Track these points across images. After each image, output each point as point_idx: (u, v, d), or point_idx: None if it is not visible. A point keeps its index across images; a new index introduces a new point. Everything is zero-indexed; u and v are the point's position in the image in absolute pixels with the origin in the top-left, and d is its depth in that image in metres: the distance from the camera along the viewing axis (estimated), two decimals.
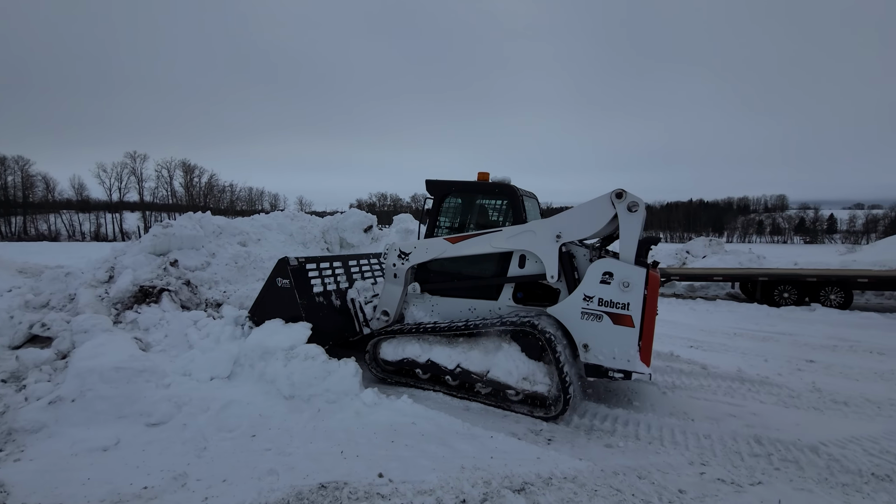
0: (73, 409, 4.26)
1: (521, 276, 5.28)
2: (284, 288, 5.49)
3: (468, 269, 5.59)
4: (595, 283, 4.74)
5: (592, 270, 4.76)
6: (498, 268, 5.41)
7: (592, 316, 4.75)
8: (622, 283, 4.63)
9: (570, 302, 4.86)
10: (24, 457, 3.76)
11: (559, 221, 5.02)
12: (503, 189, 5.47)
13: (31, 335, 6.02)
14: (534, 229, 5.10)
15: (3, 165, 63.20)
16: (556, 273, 5.00)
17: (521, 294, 5.43)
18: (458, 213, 5.76)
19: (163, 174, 74.25)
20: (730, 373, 6.13)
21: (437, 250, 5.50)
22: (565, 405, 4.62)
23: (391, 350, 5.59)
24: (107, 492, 3.31)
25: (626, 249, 4.75)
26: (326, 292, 5.87)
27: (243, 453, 3.83)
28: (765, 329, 9.18)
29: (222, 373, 5.05)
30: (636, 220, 4.69)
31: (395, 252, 5.73)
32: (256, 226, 10.57)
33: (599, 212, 4.82)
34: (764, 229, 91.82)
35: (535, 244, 5.10)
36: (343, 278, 6.24)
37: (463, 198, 5.77)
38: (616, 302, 4.67)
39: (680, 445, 4.21)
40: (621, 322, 4.65)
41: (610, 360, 4.70)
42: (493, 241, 5.26)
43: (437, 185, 5.72)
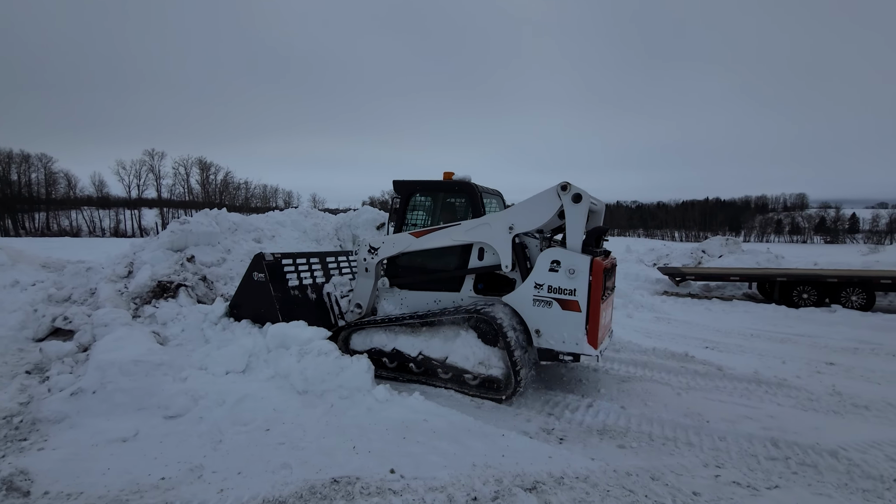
0: (94, 400, 4.37)
1: (480, 267, 5.56)
2: (260, 282, 5.88)
3: (433, 263, 5.89)
4: (544, 272, 5.00)
5: (542, 259, 5.03)
6: (459, 261, 5.69)
7: (543, 302, 5.03)
8: (569, 271, 4.90)
9: (523, 290, 5.13)
10: (47, 446, 3.87)
11: (511, 214, 5.28)
12: (463, 187, 5.79)
13: (54, 328, 6.18)
14: (489, 222, 5.38)
15: (27, 163, 64.94)
16: (510, 263, 5.29)
17: (481, 285, 5.71)
18: (423, 210, 6.13)
19: (180, 171, 75.55)
20: (746, 374, 6.02)
21: (404, 244, 5.81)
22: (515, 387, 4.95)
23: (360, 340, 5.88)
24: (126, 482, 3.39)
25: (572, 238, 5.01)
26: (302, 286, 6.26)
27: (257, 447, 3.89)
28: (783, 330, 8.99)
29: (237, 367, 5.13)
30: (580, 211, 4.94)
31: (366, 247, 6.07)
32: (271, 222, 10.72)
33: (546, 203, 5.09)
34: (783, 229, 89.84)
35: (490, 236, 5.37)
36: (320, 273, 6.61)
37: (427, 196, 6.12)
38: (564, 288, 4.94)
39: (694, 447, 4.15)
40: (569, 307, 4.92)
41: (560, 344, 4.99)
42: (453, 234, 5.55)
43: (403, 184, 6.06)
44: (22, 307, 6.37)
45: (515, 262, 5.30)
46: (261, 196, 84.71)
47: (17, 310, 6.32)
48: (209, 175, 77.74)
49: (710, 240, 19.15)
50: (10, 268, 8.17)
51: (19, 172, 64.53)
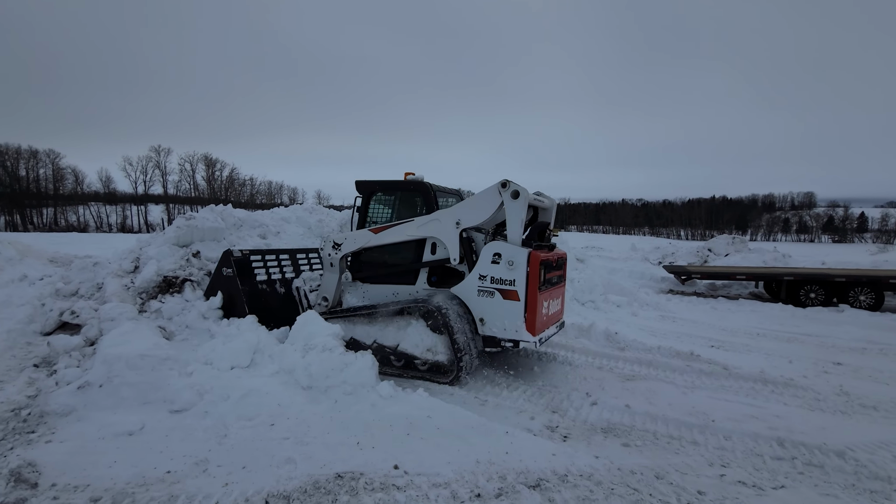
0: (101, 394, 4.40)
1: (432, 261, 5.98)
2: (228, 276, 6.33)
3: (391, 258, 6.32)
4: (487, 264, 5.42)
5: (485, 252, 5.45)
6: (414, 255, 6.12)
7: (486, 293, 5.45)
8: (508, 262, 5.29)
9: (469, 281, 5.56)
10: (54, 439, 3.91)
11: (458, 210, 5.66)
12: (417, 186, 6.19)
13: (62, 322, 6.23)
14: (438, 218, 5.76)
15: (35, 159, 65.43)
16: (458, 256, 5.69)
17: (434, 278, 6.07)
18: (383, 208, 6.56)
19: (186, 168, 75.85)
20: (752, 374, 5.98)
21: (364, 240, 6.23)
22: (458, 372, 5.30)
23: None
24: (132, 475, 3.41)
25: (512, 232, 5.37)
26: (270, 281, 6.71)
27: (262, 441, 3.90)
28: (790, 330, 8.92)
29: (242, 362, 5.15)
30: (519, 207, 5.30)
31: (330, 243, 6.48)
32: (276, 219, 10.73)
33: (489, 200, 5.46)
34: (790, 227, 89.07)
35: (439, 231, 5.76)
36: (290, 269, 7.04)
37: (386, 195, 6.52)
38: (504, 279, 5.34)
39: (700, 446, 4.13)
40: (509, 297, 5.33)
41: (501, 331, 5.42)
42: (407, 230, 5.96)
43: (364, 184, 6.47)
44: (30, 301, 6.43)
45: (463, 255, 5.68)
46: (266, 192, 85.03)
47: (26, 304, 6.38)
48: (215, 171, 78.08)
49: (717, 238, 19.02)
50: (18, 262, 8.24)
51: (27, 168, 65.08)
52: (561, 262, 6.31)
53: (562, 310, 6.65)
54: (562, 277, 6.46)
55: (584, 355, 6.73)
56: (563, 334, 7.73)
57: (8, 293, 6.70)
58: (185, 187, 76.49)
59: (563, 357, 6.61)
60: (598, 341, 7.40)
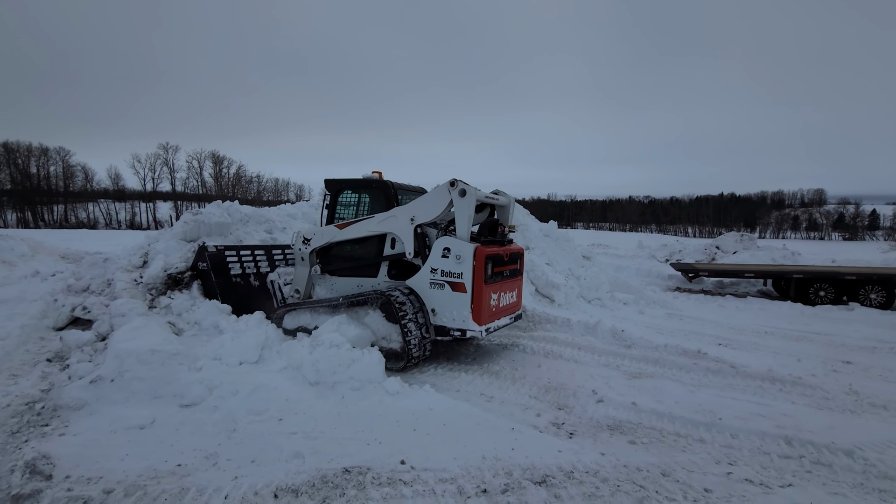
0: (112, 388, 4.47)
1: (391, 255, 6.35)
2: (204, 270, 6.70)
3: (356, 252, 6.75)
4: (438, 258, 5.76)
5: (436, 247, 5.79)
6: (376, 250, 6.51)
7: (437, 285, 5.80)
8: (456, 256, 5.63)
9: (422, 274, 5.90)
10: (68, 432, 3.98)
11: (412, 207, 6.01)
12: (379, 184, 6.61)
13: (74, 317, 6.32)
14: (395, 214, 6.13)
15: (46, 156, 66.19)
16: (413, 250, 6.03)
17: (394, 272, 6.46)
18: (349, 205, 6.93)
19: (193, 165, 76.47)
20: (760, 372, 5.94)
21: (330, 235, 6.64)
22: (408, 360, 5.61)
23: (290, 320, 6.49)
24: (144, 468, 3.47)
25: (460, 228, 5.76)
26: (245, 275, 7.09)
27: (271, 436, 3.95)
28: (798, 328, 8.85)
29: (251, 358, 5.20)
30: (467, 204, 5.66)
31: (301, 238, 6.86)
32: (282, 215, 10.80)
33: (439, 198, 5.81)
34: (800, 225, 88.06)
35: (396, 226, 6.12)
36: (265, 264, 7.44)
37: (352, 192, 6.90)
38: (453, 272, 5.68)
39: (707, 444, 4.12)
40: (457, 289, 5.68)
41: (451, 321, 5.76)
42: (369, 225, 6.34)
43: (332, 182, 6.91)
44: (42, 297, 6.53)
45: (418, 249, 6.01)
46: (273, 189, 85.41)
47: (38, 299, 6.48)
48: (222, 168, 78.56)
49: (725, 236, 18.86)
50: (30, 258, 8.36)
51: (38, 165, 65.86)
52: (515, 257, 6.62)
53: (518, 302, 6.99)
54: (516, 271, 6.76)
55: (590, 353, 6.73)
56: (568, 331, 7.72)
57: (21, 289, 6.80)
58: (193, 184, 77.16)
59: (570, 354, 6.60)
60: (605, 339, 7.38)
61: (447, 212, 5.88)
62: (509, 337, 7.45)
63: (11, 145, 62.55)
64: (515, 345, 7.04)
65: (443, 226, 6.38)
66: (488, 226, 6.27)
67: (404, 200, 6.52)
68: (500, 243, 6.26)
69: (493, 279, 5.94)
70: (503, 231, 6.46)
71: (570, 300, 9.82)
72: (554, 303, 9.62)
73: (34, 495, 3.13)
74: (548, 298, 9.79)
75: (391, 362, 5.69)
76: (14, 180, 62.87)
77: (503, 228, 6.46)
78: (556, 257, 11.36)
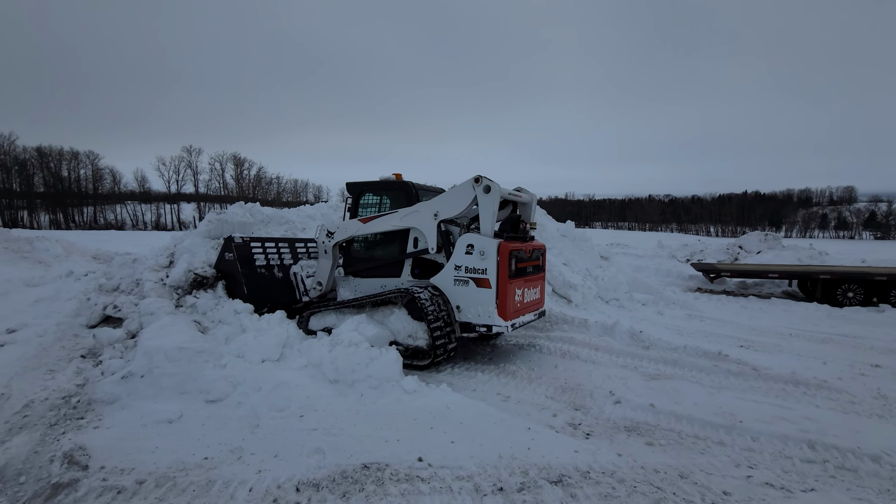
0: (142, 384, 4.66)
1: (414, 252, 6.43)
2: (230, 260, 6.86)
3: (378, 253, 6.91)
4: (462, 254, 5.82)
5: (459, 243, 5.86)
6: (399, 248, 6.61)
7: (461, 282, 5.85)
8: (480, 253, 5.68)
9: (446, 271, 5.97)
10: (101, 425, 4.18)
11: (436, 203, 6.09)
12: (400, 185, 6.73)
13: (105, 315, 6.59)
14: (419, 209, 6.22)
15: (76, 160, 68.64)
16: (435, 245, 6.11)
17: (417, 270, 6.52)
18: (370, 207, 7.08)
19: (216, 167, 78.29)
20: (783, 375, 5.82)
21: (354, 229, 6.76)
22: (435, 356, 5.66)
23: (316, 322, 6.64)
24: (173, 460, 3.62)
25: (484, 224, 5.79)
26: (269, 266, 7.24)
27: (292, 432, 4.07)
28: (825, 330, 8.61)
29: (272, 356, 5.35)
30: (491, 200, 5.70)
31: (324, 232, 7.00)
32: (302, 216, 11.04)
33: (463, 194, 5.86)
34: (828, 224, 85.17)
35: (419, 221, 6.21)
36: (288, 256, 7.60)
37: (373, 194, 7.05)
38: (477, 268, 5.73)
39: (726, 446, 4.07)
40: (482, 285, 5.72)
41: (476, 317, 5.81)
42: (392, 220, 6.43)
43: (354, 185, 7.07)
44: (76, 296, 6.82)
45: (441, 245, 6.11)
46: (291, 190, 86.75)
47: (73, 298, 6.78)
48: (243, 170, 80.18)
49: (748, 235, 18.42)
50: (64, 259, 8.74)
51: (69, 169, 68.32)
52: (537, 254, 6.66)
53: (541, 298, 7.00)
54: (539, 268, 6.80)
55: (607, 354, 6.69)
56: (586, 332, 7.69)
57: (56, 288, 7.12)
58: (215, 186, 78.96)
59: (587, 355, 6.58)
60: (623, 340, 7.33)
61: (471, 208, 5.92)
62: (526, 337, 7.46)
63: (45, 150, 65.13)
64: (532, 345, 7.05)
65: (465, 223, 6.44)
66: (511, 222, 6.31)
67: (425, 200, 6.56)
68: (522, 239, 6.30)
69: (517, 275, 5.98)
70: (525, 227, 6.49)
71: (588, 300, 9.76)
72: (571, 303, 9.58)
73: (72, 484, 3.30)
74: (565, 299, 9.75)
75: (417, 359, 5.82)
76: (47, 183, 65.42)
77: (525, 225, 6.50)
78: (573, 257, 11.30)
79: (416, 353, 5.86)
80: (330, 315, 6.54)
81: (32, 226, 58.79)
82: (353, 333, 5.38)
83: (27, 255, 9.15)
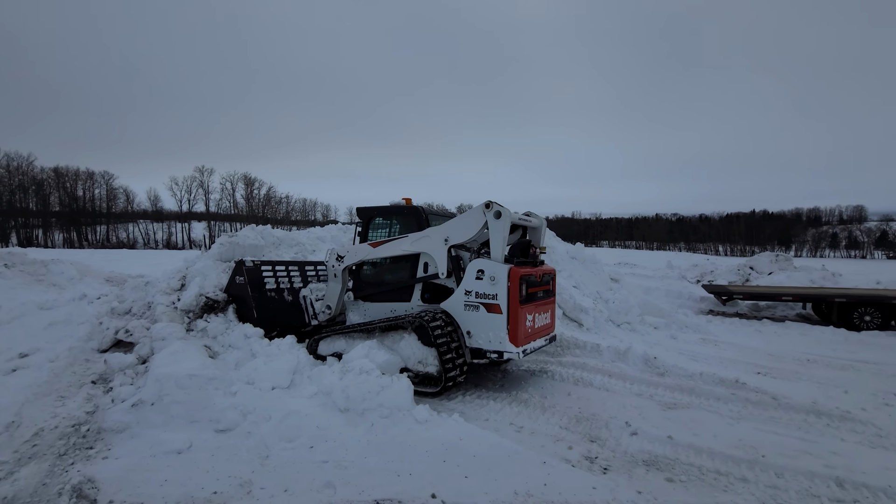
0: (152, 412, 4.62)
1: (425, 277, 6.39)
2: (241, 284, 6.90)
3: (388, 277, 6.86)
4: (472, 280, 5.78)
5: (469, 269, 5.82)
6: (409, 273, 6.56)
7: (472, 307, 5.80)
8: (490, 278, 5.64)
9: (456, 297, 5.92)
10: (110, 455, 4.13)
11: (446, 228, 6.08)
12: (410, 210, 6.73)
13: (116, 339, 6.60)
14: (429, 234, 6.21)
15: (91, 180, 70.12)
16: (446, 270, 6.10)
17: (427, 295, 6.47)
18: (381, 230, 7.13)
19: (227, 187, 79.54)
20: (804, 405, 5.65)
21: (363, 253, 6.79)
22: (445, 383, 5.55)
23: (325, 346, 6.60)
24: (182, 494, 3.56)
25: (495, 249, 5.79)
26: (279, 289, 7.23)
27: (302, 464, 4.00)
28: (843, 356, 8.39)
29: (282, 383, 5.30)
30: (502, 226, 5.70)
31: (334, 255, 7.04)
32: (311, 238, 11.12)
33: (474, 219, 5.88)
34: (839, 243, 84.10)
35: (429, 246, 6.19)
36: (298, 279, 7.60)
37: (384, 219, 7.10)
38: (488, 294, 5.68)
39: (749, 483, 3.93)
40: (493, 310, 5.67)
41: (487, 343, 5.74)
42: (402, 244, 6.41)
43: (364, 210, 7.13)
44: (88, 319, 6.85)
45: (451, 270, 6.07)
46: (300, 210, 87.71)
47: (85, 322, 6.80)
48: (253, 190, 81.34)
49: (759, 255, 18.20)
50: (78, 282, 8.81)
51: (84, 188, 69.76)
52: (548, 278, 6.60)
53: (552, 323, 6.88)
54: (549, 292, 6.72)
55: (621, 381, 6.56)
56: (598, 357, 7.56)
57: (69, 311, 7.16)
58: (226, 205, 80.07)
59: (600, 382, 6.45)
60: (636, 366, 7.19)
61: (481, 233, 5.92)
62: (537, 363, 7.35)
63: (61, 170, 66.67)
64: (544, 371, 6.94)
65: (475, 248, 6.43)
66: (520, 247, 6.29)
67: (435, 225, 6.57)
68: (532, 264, 6.28)
69: (527, 300, 5.92)
70: (535, 252, 6.48)
71: (599, 324, 9.63)
72: (582, 327, 9.46)
73: None
74: (576, 322, 9.64)
75: (427, 386, 5.74)
76: (62, 203, 66.69)
77: (535, 249, 6.49)
78: (583, 280, 11.22)
79: (426, 380, 5.79)
80: (339, 340, 6.52)
81: (46, 244, 59.78)
82: (363, 360, 5.33)
83: (42, 277, 9.26)
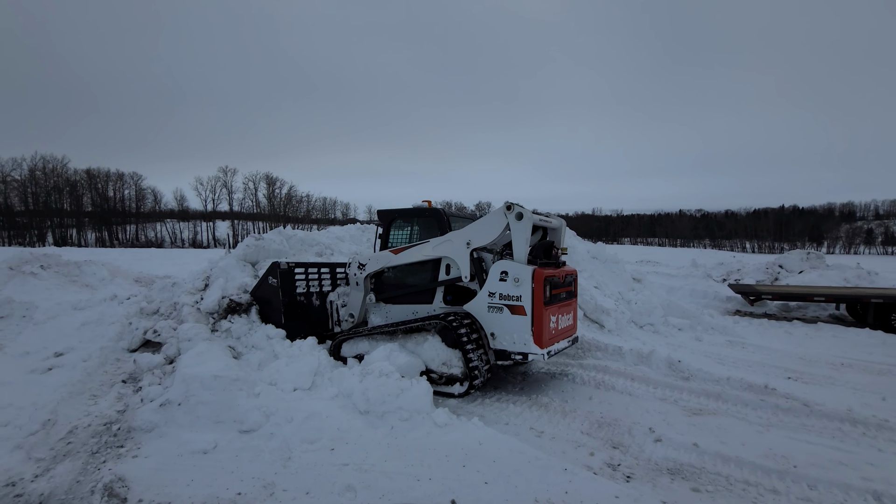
0: (180, 412, 4.75)
1: (447, 280, 6.36)
2: (273, 286, 6.79)
3: (410, 280, 6.82)
4: (496, 281, 5.77)
5: (493, 270, 5.83)
6: (431, 276, 6.52)
7: (496, 309, 5.78)
8: (514, 279, 5.63)
9: (479, 298, 5.92)
10: (140, 454, 4.26)
11: (468, 231, 6.05)
12: (431, 212, 6.72)
13: (145, 339, 6.80)
14: (451, 238, 6.17)
15: (121, 181, 72.54)
16: (469, 274, 6.07)
17: (450, 297, 6.49)
18: (402, 234, 7.13)
19: (249, 186, 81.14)
20: (839, 412, 5.43)
21: (385, 260, 6.76)
22: (470, 385, 5.59)
23: (348, 348, 6.65)
24: (207, 494, 3.65)
25: (518, 251, 5.75)
26: (309, 293, 7.14)
27: (324, 466, 4.04)
28: (881, 360, 8.03)
29: (304, 384, 5.37)
30: (524, 227, 5.68)
31: (356, 264, 7.03)
32: (331, 237, 11.27)
33: (495, 222, 5.85)
34: (874, 239, 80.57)
35: (452, 251, 6.16)
36: (328, 282, 7.44)
37: (404, 221, 7.09)
38: (512, 295, 5.66)
39: (780, 495, 3.80)
40: (517, 312, 5.65)
41: (511, 345, 5.72)
42: (424, 250, 6.39)
43: (384, 213, 7.12)
44: (119, 320, 7.07)
45: (474, 273, 6.04)
46: (320, 208, 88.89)
47: (115, 322, 7.02)
48: (275, 189, 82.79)
49: (789, 253, 17.58)
50: (109, 282, 9.12)
51: (115, 189, 72.21)
52: (570, 279, 6.57)
53: (574, 325, 6.82)
54: (571, 293, 6.66)
55: (644, 385, 6.43)
56: (620, 360, 7.43)
57: (101, 311, 7.40)
58: (248, 204, 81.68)
59: (622, 386, 6.34)
60: (660, 369, 7.04)
61: (503, 235, 5.90)
62: (558, 365, 7.27)
63: (94, 172, 69.11)
64: (565, 374, 6.86)
65: (498, 250, 6.40)
66: (542, 248, 6.27)
67: (456, 227, 6.56)
68: (555, 265, 6.26)
69: (551, 301, 5.89)
70: (557, 253, 6.44)
71: (621, 326, 9.46)
72: (604, 328, 9.31)
73: None
74: (597, 324, 9.49)
75: (450, 388, 5.77)
76: (94, 203, 69.17)
77: (556, 251, 6.45)
78: (604, 280, 11.04)
79: (450, 381, 5.80)
80: (362, 342, 6.55)
81: (80, 243, 62.13)
82: (383, 363, 5.36)
83: (76, 278, 9.61)
